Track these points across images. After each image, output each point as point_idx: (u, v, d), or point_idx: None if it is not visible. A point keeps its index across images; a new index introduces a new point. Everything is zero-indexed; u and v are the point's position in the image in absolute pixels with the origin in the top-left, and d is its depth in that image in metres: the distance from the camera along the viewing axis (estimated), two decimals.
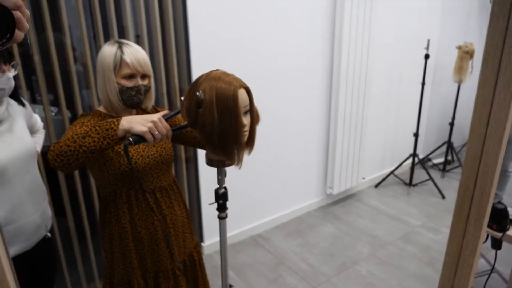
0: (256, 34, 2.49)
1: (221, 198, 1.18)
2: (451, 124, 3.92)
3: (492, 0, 0.74)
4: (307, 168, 3.17)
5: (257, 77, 2.58)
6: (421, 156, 4.32)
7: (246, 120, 1.05)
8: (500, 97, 0.78)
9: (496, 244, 1.79)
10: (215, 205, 1.20)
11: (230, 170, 1.18)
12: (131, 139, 1.02)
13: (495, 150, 0.81)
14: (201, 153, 2.47)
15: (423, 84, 3.46)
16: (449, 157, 4.27)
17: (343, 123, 3.12)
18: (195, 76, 2.26)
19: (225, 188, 1.19)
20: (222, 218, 1.21)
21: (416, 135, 3.61)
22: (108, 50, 1.21)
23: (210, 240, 2.71)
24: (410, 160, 3.84)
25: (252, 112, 1.06)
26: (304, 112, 2.96)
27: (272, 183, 2.95)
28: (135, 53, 1.21)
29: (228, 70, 1.07)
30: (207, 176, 2.53)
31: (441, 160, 4.29)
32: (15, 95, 1.34)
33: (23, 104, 1.41)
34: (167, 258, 1.42)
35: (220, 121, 1.00)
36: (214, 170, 1.14)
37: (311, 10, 2.72)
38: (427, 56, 3.37)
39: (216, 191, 1.18)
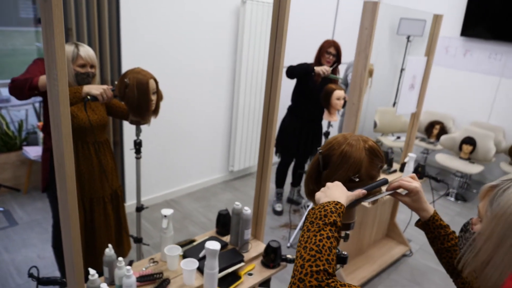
0: (177, 41, 3.25)
1: (138, 145, 1.94)
2: None
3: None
4: (214, 150, 4.00)
5: (177, 74, 3.33)
6: None
7: (154, 97, 1.83)
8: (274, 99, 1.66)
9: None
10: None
11: (150, 148, 1.94)
12: (89, 97, 1.73)
13: (272, 122, 1.68)
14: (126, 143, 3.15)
15: None
16: None
17: (243, 115, 4.00)
18: (124, 68, 2.95)
19: (140, 139, 1.95)
20: (138, 158, 1.97)
21: None
22: (68, 48, 1.89)
23: (130, 202, 3.38)
24: None
25: (157, 93, 1.85)
26: (212, 105, 3.77)
27: (185, 160, 3.72)
28: (87, 50, 1.91)
29: (152, 68, 1.84)
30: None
31: None
32: None
33: None
34: (99, 189, 2.11)
35: (138, 97, 1.77)
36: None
37: (221, 23, 3.55)
38: None
39: (135, 141, 1.93)
